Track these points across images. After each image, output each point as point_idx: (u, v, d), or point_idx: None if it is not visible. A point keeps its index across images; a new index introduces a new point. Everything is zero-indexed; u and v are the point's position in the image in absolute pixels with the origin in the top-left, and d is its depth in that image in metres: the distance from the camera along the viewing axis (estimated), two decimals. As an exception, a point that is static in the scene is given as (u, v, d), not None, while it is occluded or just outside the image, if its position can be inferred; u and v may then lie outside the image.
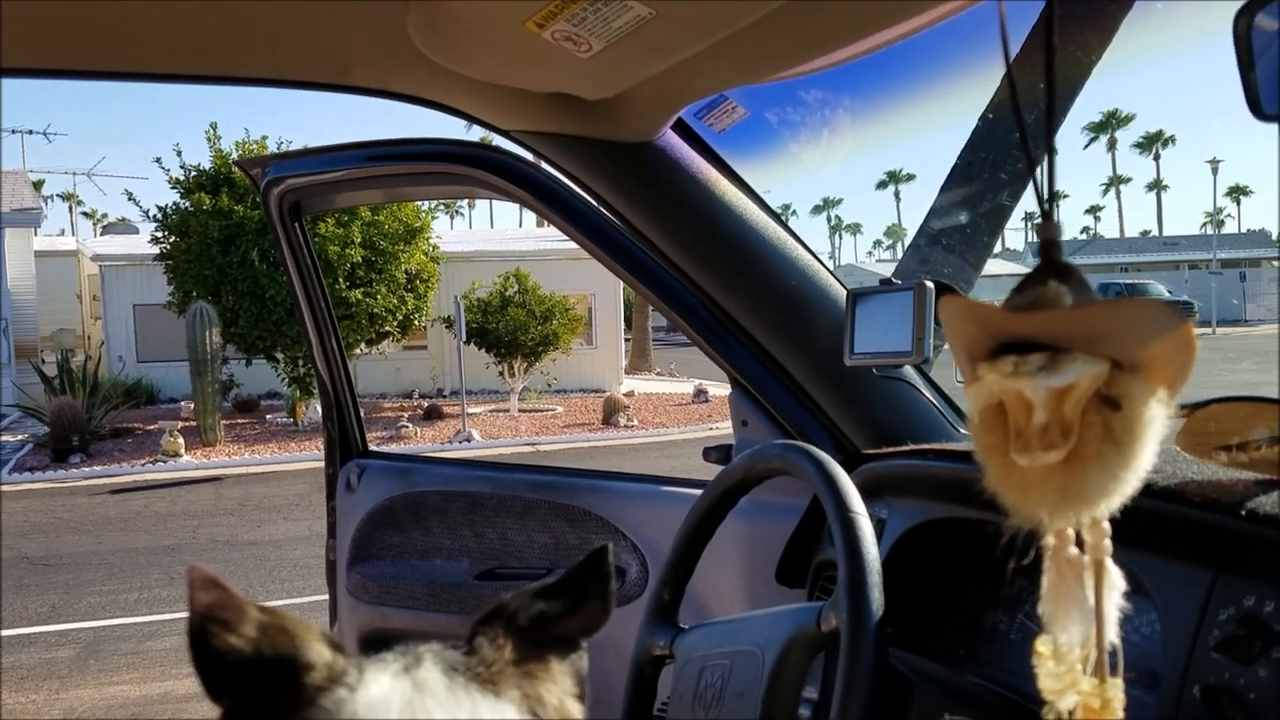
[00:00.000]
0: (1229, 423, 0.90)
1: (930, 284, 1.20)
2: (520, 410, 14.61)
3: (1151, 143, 63.62)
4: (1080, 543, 0.51)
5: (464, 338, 12.69)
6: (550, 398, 15.78)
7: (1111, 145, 63.08)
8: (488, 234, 22.93)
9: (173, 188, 13.33)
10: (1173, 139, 64.36)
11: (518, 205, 1.68)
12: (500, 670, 0.52)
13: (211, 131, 13.22)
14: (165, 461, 11.16)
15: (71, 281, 21.07)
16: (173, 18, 1.09)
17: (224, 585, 0.49)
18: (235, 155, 13.03)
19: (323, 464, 2.13)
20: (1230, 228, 66.02)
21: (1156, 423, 0.48)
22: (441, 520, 1.88)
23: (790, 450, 1.08)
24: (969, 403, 0.53)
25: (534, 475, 1.86)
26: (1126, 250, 45.65)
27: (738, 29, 0.93)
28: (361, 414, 2.10)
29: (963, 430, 1.48)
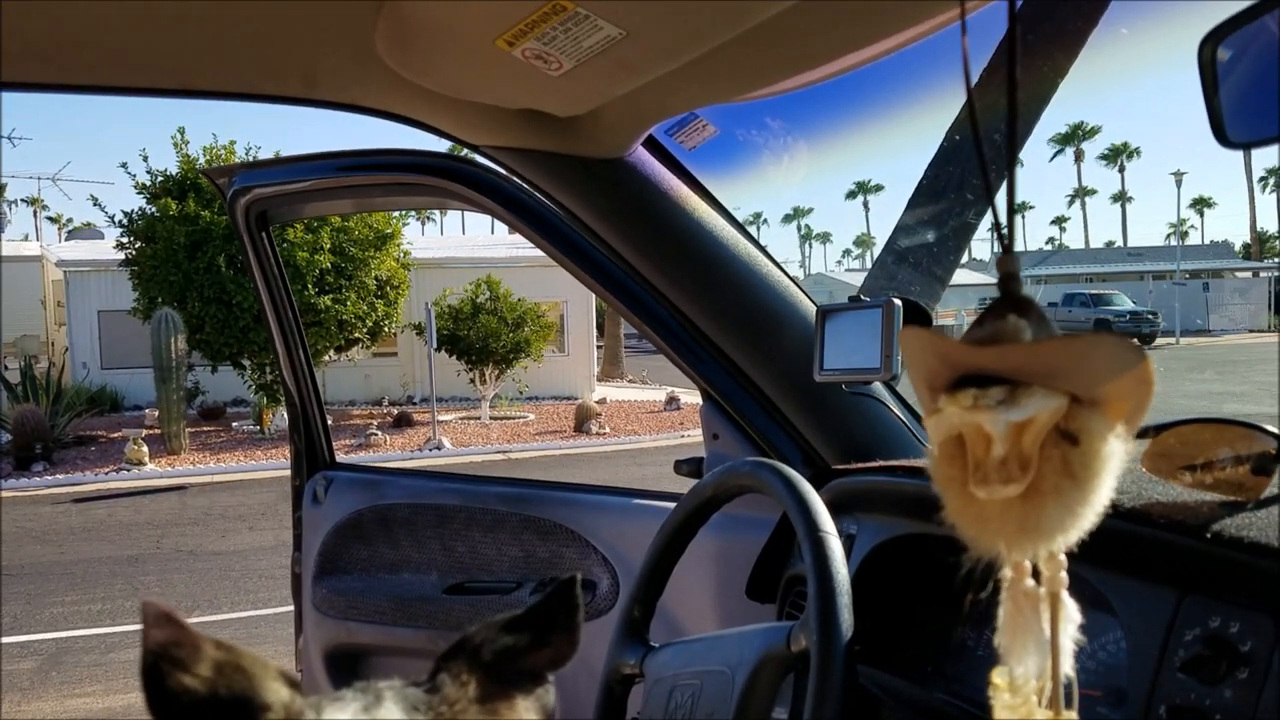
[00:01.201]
0: (1193, 444, 0.92)
1: (898, 301, 1.22)
2: (492, 418, 14.51)
3: (1117, 155, 63.50)
4: (1037, 574, 0.51)
5: (434, 344, 12.59)
6: (522, 405, 15.67)
7: (1078, 157, 62.57)
8: (459, 241, 22.73)
9: (139, 193, 13.16)
10: (1138, 151, 64.36)
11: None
12: (464, 709, 0.50)
13: (179, 137, 13.07)
14: (129, 470, 10.99)
15: (35, 287, 20.70)
16: (136, 30, 1.06)
17: (179, 621, 0.47)
18: (203, 161, 12.88)
19: (289, 472, 2.10)
20: (1194, 239, 65.71)
21: (1115, 458, 0.47)
22: (410, 533, 1.86)
23: (761, 468, 1.09)
24: (929, 434, 0.54)
25: (504, 488, 1.85)
26: (1091, 260, 45.32)
27: (708, 49, 0.93)
28: (329, 424, 2.07)
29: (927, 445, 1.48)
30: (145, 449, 11.23)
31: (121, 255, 13.36)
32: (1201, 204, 70.47)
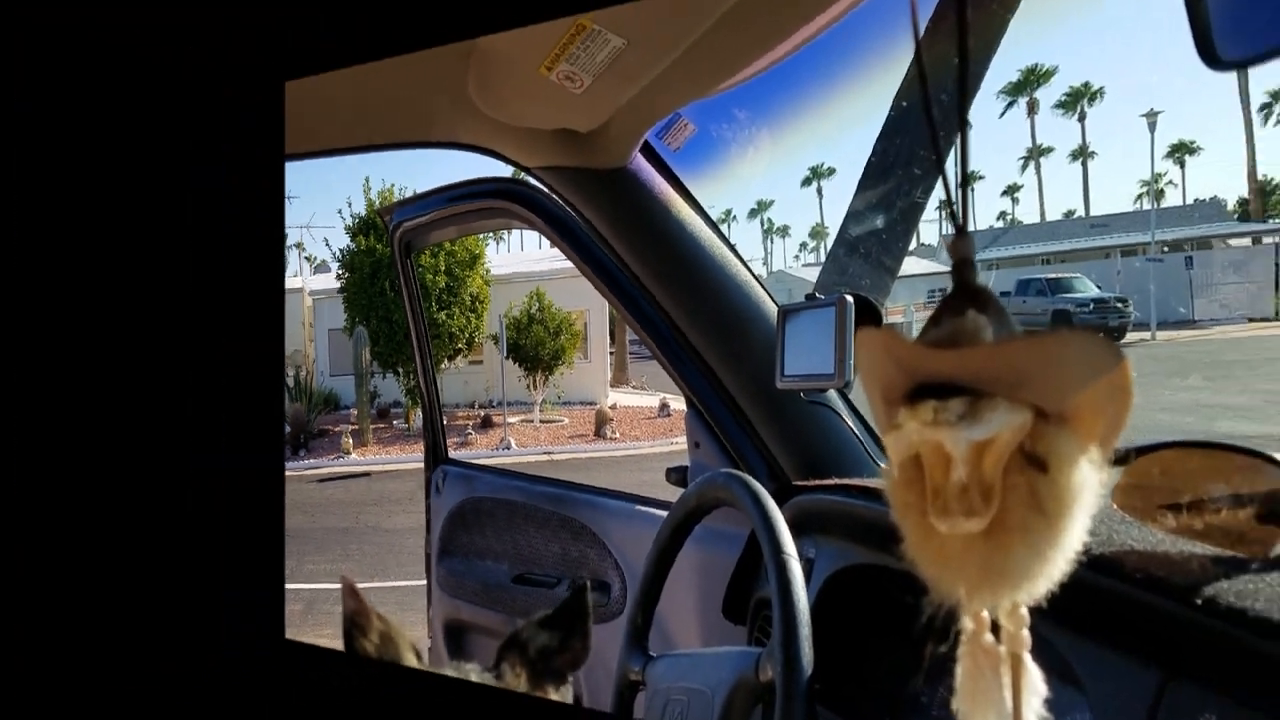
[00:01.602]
0: (1177, 475, 0.60)
1: (850, 299, 0.94)
2: (540, 421, 13.86)
3: (1076, 99, 42.65)
4: (999, 631, 0.36)
5: (505, 353, 12.61)
6: (560, 409, 14.82)
7: (1031, 108, 43.06)
8: (519, 257, 22.11)
9: (346, 233, 14.06)
10: (1101, 92, 42.84)
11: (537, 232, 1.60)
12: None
13: (365, 184, 13.90)
14: (343, 458, 11.75)
15: (298, 312, 22.60)
16: (337, 103, 1.19)
17: (359, 595, 0.58)
18: (377, 204, 13.59)
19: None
20: (1173, 198, 42.42)
21: (1088, 489, 0.32)
22: (492, 525, 1.79)
23: (732, 480, 0.90)
24: (888, 453, 0.38)
25: (549, 488, 1.74)
26: (1049, 237, 29.20)
27: (686, 47, 0.88)
28: (445, 423, 2.05)
29: (883, 465, 1.17)
30: (350, 441, 12.04)
31: (338, 284, 14.27)
32: (1182, 150, 44.79)
